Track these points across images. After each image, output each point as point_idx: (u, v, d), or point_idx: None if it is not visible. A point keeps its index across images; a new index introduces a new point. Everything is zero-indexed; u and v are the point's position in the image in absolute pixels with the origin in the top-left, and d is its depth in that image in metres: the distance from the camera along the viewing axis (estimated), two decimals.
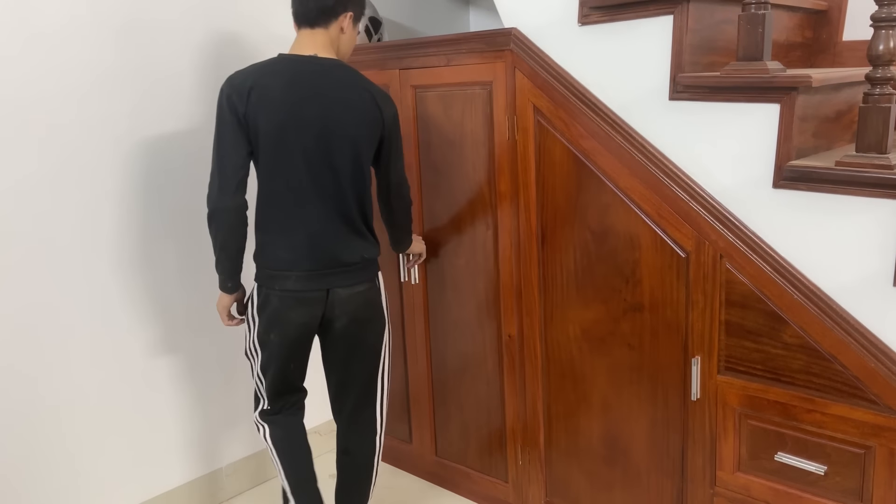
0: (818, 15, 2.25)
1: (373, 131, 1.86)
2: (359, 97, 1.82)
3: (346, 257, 1.86)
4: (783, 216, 1.62)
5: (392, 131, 1.91)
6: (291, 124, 1.76)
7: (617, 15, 1.79)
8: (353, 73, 1.86)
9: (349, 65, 1.88)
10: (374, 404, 2.05)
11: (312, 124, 1.77)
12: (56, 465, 2.13)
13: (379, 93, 1.87)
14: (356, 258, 1.88)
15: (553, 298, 2.07)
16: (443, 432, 2.49)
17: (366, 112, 1.83)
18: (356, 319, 1.92)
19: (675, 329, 1.83)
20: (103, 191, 2.14)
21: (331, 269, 1.85)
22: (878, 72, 1.48)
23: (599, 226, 1.92)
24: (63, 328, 2.10)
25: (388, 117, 1.89)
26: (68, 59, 2.02)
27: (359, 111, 1.82)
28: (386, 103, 1.88)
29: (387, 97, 1.90)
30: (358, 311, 1.92)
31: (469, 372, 2.34)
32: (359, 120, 1.82)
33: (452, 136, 2.19)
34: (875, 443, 1.57)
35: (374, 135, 1.87)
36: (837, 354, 1.58)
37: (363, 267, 1.91)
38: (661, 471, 1.94)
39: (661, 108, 1.76)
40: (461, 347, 2.35)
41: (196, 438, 2.45)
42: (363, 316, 1.94)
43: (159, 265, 2.29)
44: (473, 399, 2.35)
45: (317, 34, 1.83)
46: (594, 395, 2.04)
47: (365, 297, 1.93)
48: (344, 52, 1.91)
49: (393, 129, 1.91)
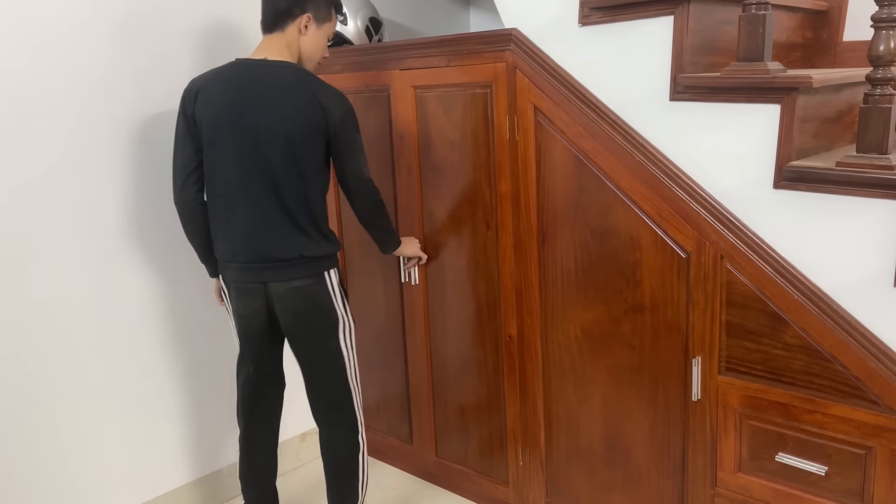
0: (818, 15, 2.25)
1: (313, 131, 1.85)
2: (299, 98, 1.84)
3: (281, 253, 1.89)
4: (784, 217, 1.62)
5: (339, 130, 1.89)
6: (227, 125, 1.85)
7: (617, 15, 1.79)
8: (301, 74, 1.88)
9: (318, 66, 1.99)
10: (346, 404, 2.04)
11: (247, 125, 1.84)
12: (57, 466, 2.13)
13: (325, 93, 1.87)
14: (293, 254, 1.90)
15: (553, 299, 2.07)
16: (443, 433, 2.50)
17: (305, 112, 1.83)
18: (298, 316, 1.95)
19: (676, 329, 1.83)
20: (103, 190, 2.14)
21: (266, 263, 1.91)
22: (878, 72, 1.48)
23: (600, 226, 1.92)
24: (63, 328, 2.10)
25: (334, 116, 1.87)
26: (67, 55, 2.02)
27: (296, 112, 1.83)
28: (333, 102, 1.87)
29: (335, 97, 1.88)
30: (298, 307, 1.94)
31: (469, 372, 2.34)
32: (296, 121, 1.83)
33: (453, 137, 2.19)
34: (876, 443, 1.56)
35: (314, 134, 1.86)
36: (838, 355, 1.58)
37: (302, 263, 1.91)
38: (661, 471, 1.94)
39: (662, 108, 1.76)
40: (462, 348, 2.35)
41: (196, 439, 2.45)
42: (304, 313, 1.95)
43: (160, 264, 2.29)
44: (474, 399, 2.35)
45: (273, 38, 1.91)
46: (595, 396, 2.04)
47: (303, 293, 1.93)
48: (308, 54, 1.95)
49: (341, 128, 1.89)
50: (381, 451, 2.76)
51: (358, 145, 1.95)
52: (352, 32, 2.49)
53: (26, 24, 1.94)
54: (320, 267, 1.95)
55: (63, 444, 2.13)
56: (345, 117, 1.89)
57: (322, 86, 1.88)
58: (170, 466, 2.40)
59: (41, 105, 1.99)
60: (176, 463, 2.41)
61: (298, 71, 1.88)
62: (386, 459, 2.74)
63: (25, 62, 1.95)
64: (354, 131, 1.93)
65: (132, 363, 2.27)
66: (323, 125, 1.86)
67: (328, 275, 1.97)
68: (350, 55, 2.42)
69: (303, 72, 1.89)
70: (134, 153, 2.19)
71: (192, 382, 2.41)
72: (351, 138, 1.93)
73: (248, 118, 1.83)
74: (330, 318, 1.98)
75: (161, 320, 2.32)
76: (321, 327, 1.97)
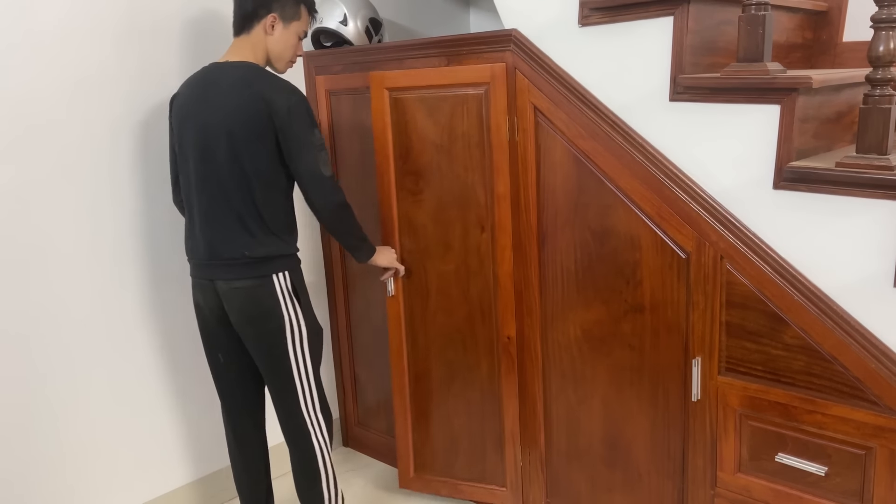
0: (818, 16, 2.25)
1: (256, 127, 1.82)
2: (241, 94, 1.83)
3: (226, 252, 1.90)
4: (784, 217, 1.62)
5: (286, 125, 1.82)
6: (186, 126, 1.90)
7: (617, 16, 1.79)
8: (249, 71, 1.86)
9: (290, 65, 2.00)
10: (294, 408, 2.00)
11: (198, 125, 1.87)
12: (57, 466, 2.13)
13: (271, 87, 1.83)
14: (237, 254, 1.89)
15: (553, 299, 2.07)
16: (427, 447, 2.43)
17: (246, 109, 1.81)
18: (242, 316, 1.94)
19: (676, 330, 1.83)
20: (102, 191, 2.14)
21: (214, 261, 1.93)
22: (878, 73, 1.48)
23: (600, 226, 1.92)
24: (63, 330, 2.10)
25: (280, 111, 1.81)
26: (64, 56, 2.03)
27: (237, 109, 1.82)
28: (278, 97, 1.82)
29: (282, 91, 1.83)
30: (243, 307, 1.93)
31: (459, 379, 2.32)
32: (241, 118, 1.82)
33: (451, 137, 2.19)
34: (876, 444, 1.56)
35: (258, 131, 1.82)
36: (838, 355, 1.58)
37: (246, 264, 1.89)
38: (661, 472, 1.94)
39: (662, 109, 1.76)
40: (449, 356, 2.31)
41: (197, 439, 2.45)
42: (248, 313, 1.93)
43: (160, 265, 2.29)
44: (464, 407, 2.34)
45: (240, 40, 1.93)
46: (595, 396, 2.04)
47: (246, 294, 1.91)
48: (277, 54, 1.96)
49: (287, 122, 1.82)
50: (382, 451, 2.76)
51: (310, 141, 1.85)
52: (352, 33, 2.49)
53: (23, 26, 1.94)
54: (267, 269, 1.91)
55: (64, 445, 2.13)
56: (292, 111, 1.83)
57: (269, 81, 1.84)
58: (170, 466, 2.40)
59: (39, 106, 1.99)
60: (176, 463, 2.41)
61: (249, 69, 1.87)
62: (385, 460, 2.74)
63: (21, 62, 1.95)
64: (305, 126, 1.84)
65: (132, 364, 2.27)
66: (266, 121, 1.82)
67: (277, 277, 1.92)
68: (350, 56, 2.42)
69: (253, 69, 1.87)
70: (132, 154, 2.19)
71: (192, 383, 2.41)
72: (299, 133, 1.84)
73: (200, 118, 1.87)
74: (274, 321, 1.92)
75: (161, 320, 2.32)
76: (265, 330, 1.93)
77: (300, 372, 1.99)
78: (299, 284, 1.99)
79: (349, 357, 2.77)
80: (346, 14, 2.47)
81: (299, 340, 1.97)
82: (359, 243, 2.08)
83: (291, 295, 1.95)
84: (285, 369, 1.97)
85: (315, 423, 2.04)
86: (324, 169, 1.88)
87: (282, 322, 1.93)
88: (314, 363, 2.02)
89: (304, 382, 2.00)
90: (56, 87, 2.01)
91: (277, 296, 1.93)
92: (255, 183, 1.86)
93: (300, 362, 1.99)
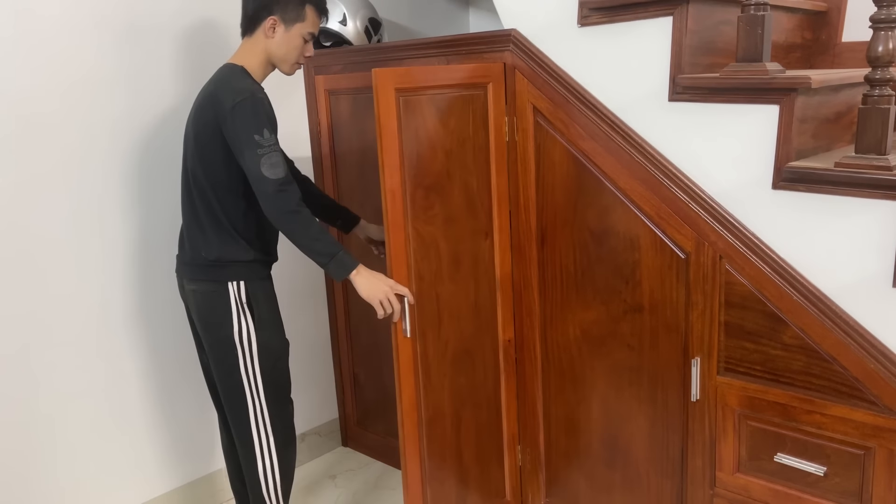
0: (818, 16, 2.25)
1: (209, 128, 1.81)
2: (203, 96, 1.86)
3: (189, 251, 1.92)
4: (783, 217, 1.62)
5: (227, 123, 1.76)
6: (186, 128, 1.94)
7: (616, 16, 1.79)
8: (220, 73, 1.88)
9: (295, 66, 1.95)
10: (244, 426, 1.93)
11: (186, 127, 1.92)
12: (54, 468, 2.13)
13: (224, 87, 1.80)
14: (196, 254, 1.90)
15: (553, 299, 2.07)
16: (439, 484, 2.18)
17: (202, 110, 1.84)
18: (199, 320, 1.93)
19: (675, 330, 1.83)
20: (98, 190, 2.14)
21: (182, 260, 1.96)
22: (877, 73, 1.48)
23: (599, 227, 1.92)
24: (59, 331, 2.10)
25: (224, 110, 1.76)
26: (63, 54, 2.02)
27: (197, 110, 1.86)
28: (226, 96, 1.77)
29: (231, 91, 1.77)
30: (198, 309, 1.92)
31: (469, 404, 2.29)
32: (200, 121, 1.84)
33: (448, 137, 2.18)
34: (875, 444, 1.57)
35: (210, 132, 1.81)
36: (837, 355, 1.58)
37: (202, 266, 1.89)
38: (660, 472, 1.94)
39: (661, 109, 1.76)
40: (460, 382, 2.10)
41: (188, 443, 2.45)
42: (202, 318, 1.91)
43: (152, 267, 2.28)
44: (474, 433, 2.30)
45: (244, 42, 1.92)
46: (594, 397, 2.04)
47: (202, 297, 1.89)
48: (281, 56, 1.91)
49: (229, 120, 1.75)
50: (381, 451, 2.76)
51: (252, 140, 1.74)
52: (351, 33, 2.49)
53: (20, 26, 1.94)
54: (221, 274, 1.87)
55: (61, 446, 2.13)
56: (235, 109, 1.75)
57: (225, 81, 1.82)
58: (169, 466, 2.40)
59: (36, 106, 1.99)
60: (175, 463, 2.41)
61: (223, 71, 1.87)
62: (384, 459, 2.74)
63: (19, 62, 1.95)
64: (247, 125, 1.75)
65: (130, 364, 2.26)
66: (214, 123, 1.80)
67: (231, 285, 1.86)
68: (350, 55, 2.42)
69: (225, 72, 1.86)
70: (128, 156, 2.19)
71: (181, 386, 2.40)
72: (240, 132, 1.75)
73: (188, 121, 1.91)
74: (224, 331, 1.87)
75: (152, 323, 2.31)
76: (216, 338, 1.89)
77: (251, 388, 1.91)
78: (256, 296, 1.90)
79: (349, 357, 2.77)
80: (346, 14, 2.47)
81: (249, 356, 1.89)
82: (319, 258, 1.80)
83: (244, 306, 1.88)
84: (235, 383, 1.90)
85: (264, 446, 1.95)
86: (266, 171, 1.73)
87: (230, 333, 1.87)
88: (266, 383, 1.92)
89: (255, 400, 1.92)
90: (53, 87, 2.01)
91: (231, 305, 1.87)
92: (211, 186, 1.85)
93: (250, 378, 1.91)
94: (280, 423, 1.97)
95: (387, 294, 1.81)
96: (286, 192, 1.76)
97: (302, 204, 1.79)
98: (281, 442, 1.98)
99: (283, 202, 1.75)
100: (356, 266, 1.81)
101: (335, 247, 1.80)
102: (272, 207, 1.76)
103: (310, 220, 1.79)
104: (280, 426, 1.97)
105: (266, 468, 1.96)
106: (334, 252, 1.79)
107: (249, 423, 1.94)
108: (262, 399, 1.93)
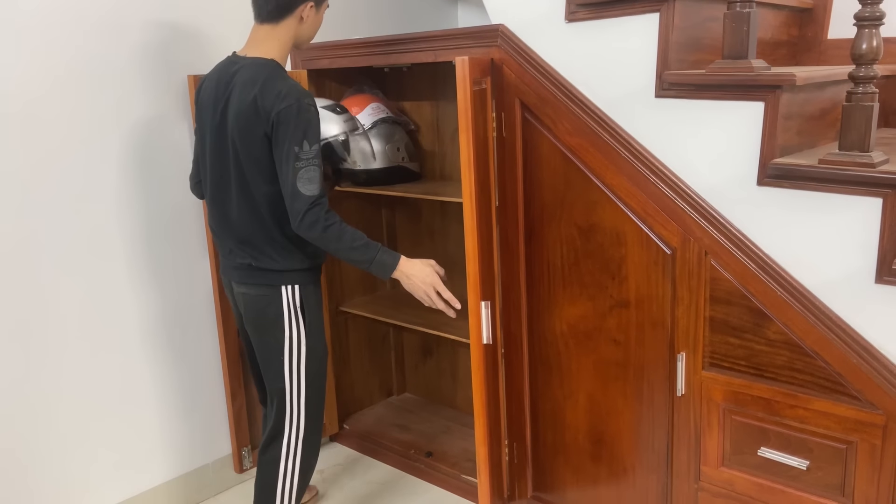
0: (804, 13, 2.26)
1: (251, 135, 1.75)
2: (244, 95, 1.75)
3: (238, 257, 1.89)
4: (767, 214, 1.63)
5: (274, 131, 1.72)
6: (205, 123, 1.87)
7: (604, 12, 1.79)
8: (257, 72, 1.77)
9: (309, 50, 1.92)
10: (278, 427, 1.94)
11: (213, 124, 1.84)
12: (41, 462, 2.12)
13: (267, 90, 1.73)
14: (246, 261, 1.88)
15: (539, 295, 2.07)
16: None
17: (246, 109, 1.75)
18: (248, 321, 1.93)
19: (661, 325, 1.84)
20: (89, 186, 2.13)
21: (230, 265, 1.93)
22: (861, 70, 1.49)
23: (586, 222, 1.93)
24: (49, 325, 2.09)
25: (269, 116, 1.72)
26: (50, 48, 2.01)
27: (241, 110, 1.76)
28: (271, 101, 1.71)
29: (276, 95, 1.72)
30: (247, 312, 1.92)
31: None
32: (241, 120, 1.76)
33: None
34: (857, 438, 1.58)
35: (253, 139, 1.76)
36: (820, 351, 1.60)
37: (255, 271, 1.87)
38: (646, 466, 1.96)
39: (648, 105, 1.77)
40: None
41: (180, 436, 2.44)
42: (251, 320, 1.92)
43: (144, 261, 2.28)
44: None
45: (262, 29, 1.83)
46: (581, 391, 2.05)
47: (253, 300, 1.89)
48: (306, 38, 1.90)
49: (275, 128, 1.72)
50: (376, 448, 2.76)
51: (292, 152, 1.70)
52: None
53: (4, 16, 1.92)
54: (275, 279, 1.86)
55: (48, 441, 2.12)
56: (281, 116, 1.70)
57: (269, 83, 1.74)
58: (156, 461, 2.39)
59: (25, 99, 1.97)
60: (162, 458, 2.40)
61: (260, 70, 1.78)
62: (375, 455, 2.75)
63: (13, 58, 1.93)
64: (289, 135, 1.70)
65: (117, 359, 2.25)
66: (259, 128, 1.74)
67: (285, 289, 1.86)
68: (337, 49, 2.41)
69: (264, 71, 1.77)
70: (120, 152, 2.18)
71: (178, 377, 2.40)
72: (282, 141, 1.71)
73: (214, 118, 1.83)
74: (275, 334, 1.88)
75: (144, 316, 2.31)
76: (265, 340, 1.90)
77: (291, 391, 1.92)
78: (308, 301, 1.90)
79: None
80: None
81: (297, 360, 1.90)
82: (360, 265, 1.82)
83: (297, 310, 1.88)
84: (284, 386, 1.92)
85: (291, 449, 1.95)
86: (302, 186, 1.70)
87: (281, 337, 1.88)
88: (309, 386, 1.93)
89: (294, 404, 1.93)
90: (41, 80, 1.99)
91: (283, 308, 1.87)
92: (262, 192, 1.81)
93: (293, 382, 1.92)
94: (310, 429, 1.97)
95: (427, 292, 1.84)
96: (316, 211, 1.72)
97: (331, 215, 1.75)
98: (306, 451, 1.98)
99: (311, 221, 1.72)
100: (397, 263, 1.82)
101: (372, 250, 1.79)
102: (301, 226, 1.74)
103: (339, 232, 1.75)
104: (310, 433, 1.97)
105: (286, 478, 1.97)
106: (372, 257, 1.79)
107: (283, 427, 1.94)
108: (301, 404, 1.93)
